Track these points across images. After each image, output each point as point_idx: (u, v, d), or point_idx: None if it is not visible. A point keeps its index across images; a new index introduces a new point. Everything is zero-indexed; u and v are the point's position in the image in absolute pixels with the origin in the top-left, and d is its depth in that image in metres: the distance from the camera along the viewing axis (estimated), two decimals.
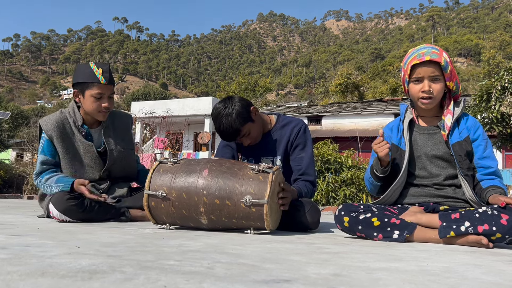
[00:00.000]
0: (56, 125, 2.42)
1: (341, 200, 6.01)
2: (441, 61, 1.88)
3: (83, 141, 2.47)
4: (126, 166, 2.63)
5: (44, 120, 2.45)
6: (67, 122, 2.47)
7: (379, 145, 1.92)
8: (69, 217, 2.22)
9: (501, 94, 7.18)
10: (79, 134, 2.47)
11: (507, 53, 63.44)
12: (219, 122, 2.12)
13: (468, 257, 1.34)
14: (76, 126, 2.47)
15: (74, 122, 2.48)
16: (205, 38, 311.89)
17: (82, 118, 2.50)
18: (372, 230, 1.79)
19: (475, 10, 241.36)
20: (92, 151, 2.48)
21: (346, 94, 31.68)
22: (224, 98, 2.21)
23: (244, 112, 2.14)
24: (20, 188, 10.79)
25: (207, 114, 17.37)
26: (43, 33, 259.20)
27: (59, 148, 2.42)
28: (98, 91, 2.38)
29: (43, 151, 2.44)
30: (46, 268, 0.88)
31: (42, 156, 2.44)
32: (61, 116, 2.47)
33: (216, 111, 2.14)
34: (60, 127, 2.42)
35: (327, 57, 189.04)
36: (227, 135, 2.15)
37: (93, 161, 2.48)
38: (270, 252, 1.28)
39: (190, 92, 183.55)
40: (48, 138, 2.41)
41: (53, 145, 2.43)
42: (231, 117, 2.10)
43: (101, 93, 2.39)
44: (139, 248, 1.28)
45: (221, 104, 2.15)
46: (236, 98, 2.18)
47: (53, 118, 2.44)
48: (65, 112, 2.50)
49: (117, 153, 2.56)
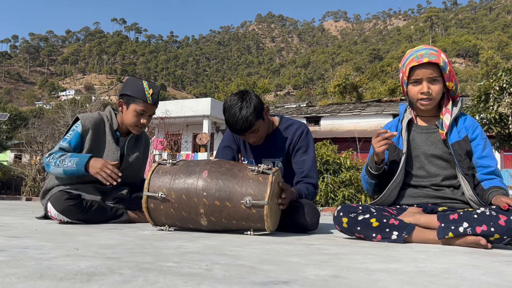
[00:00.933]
0: (94, 121, 2.53)
1: (340, 201, 6.01)
2: (440, 62, 1.88)
3: (112, 144, 2.57)
4: (135, 174, 2.72)
5: (85, 116, 2.55)
6: (103, 124, 2.58)
7: (377, 140, 1.92)
8: (67, 217, 2.21)
9: (499, 95, 7.20)
10: (111, 136, 2.57)
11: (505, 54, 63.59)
12: (234, 113, 2.09)
13: (466, 258, 1.34)
14: (111, 129, 2.59)
15: (110, 125, 2.59)
16: (203, 39, 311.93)
17: (117, 124, 2.61)
18: (370, 231, 1.79)
19: (473, 11, 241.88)
20: (116, 155, 2.56)
21: (344, 95, 31.72)
22: (240, 91, 2.19)
23: (260, 109, 2.14)
24: (18, 189, 10.78)
25: (206, 115, 17.37)
26: (41, 34, 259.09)
27: (89, 141, 2.48)
28: (142, 109, 2.50)
29: (69, 141, 2.47)
30: (44, 271, 0.87)
31: (64, 144, 2.46)
32: (99, 117, 2.58)
33: (232, 102, 2.12)
34: (97, 125, 2.54)
35: (326, 58, 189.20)
36: (239, 128, 2.11)
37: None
38: (269, 254, 1.28)
39: (189, 93, 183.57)
40: (83, 130, 2.48)
41: (82, 140, 2.49)
42: (247, 110, 2.08)
43: (144, 111, 2.51)
44: (137, 249, 1.27)
45: (237, 96, 2.13)
46: (252, 93, 2.18)
47: (93, 117, 2.56)
48: (103, 114, 2.62)
49: (132, 160, 2.66)
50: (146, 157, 2.86)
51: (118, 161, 2.54)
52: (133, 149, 2.69)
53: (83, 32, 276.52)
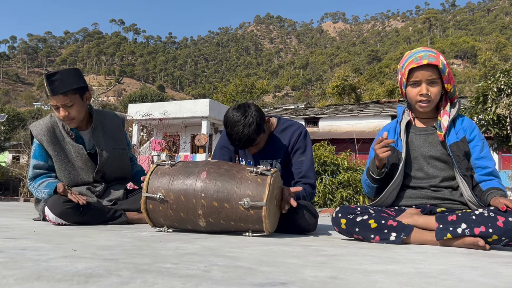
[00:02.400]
0: (46, 129, 2.41)
1: (338, 202, 6.01)
2: (439, 64, 1.89)
3: (73, 144, 2.46)
4: (119, 166, 2.61)
5: (34, 125, 2.44)
6: (57, 126, 2.47)
7: (379, 146, 1.92)
8: (65, 221, 2.21)
9: (497, 96, 7.21)
10: (69, 137, 2.47)
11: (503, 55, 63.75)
12: (237, 131, 2.05)
13: (464, 259, 1.35)
14: (66, 130, 2.47)
15: (63, 125, 2.47)
16: (202, 40, 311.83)
17: None
18: (369, 232, 1.79)
19: (471, 12, 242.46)
20: (82, 153, 2.47)
21: (343, 96, 31.75)
22: (239, 105, 2.14)
23: (262, 124, 2.12)
24: (16, 190, 10.75)
25: (204, 116, 17.35)
26: (39, 35, 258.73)
27: (51, 152, 2.42)
28: (51, 103, 2.36)
29: (35, 156, 2.43)
30: (42, 272, 0.87)
31: (34, 161, 2.43)
32: (51, 120, 2.46)
33: (235, 119, 2.07)
34: (50, 132, 2.42)
35: (324, 59, 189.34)
36: (241, 144, 2.10)
37: (84, 163, 2.47)
38: (267, 255, 1.28)
39: (187, 94, 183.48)
40: (40, 141, 2.40)
41: (45, 149, 2.42)
42: (251, 128, 2.05)
43: (53, 104, 2.36)
44: (135, 251, 1.27)
45: (240, 113, 2.08)
46: (253, 107, 2.13)
47: (43, 123, 2.44)
48: (55, 116, 2.49)
49: (108, 154, 2.54)
50: (122, 140, 2.66)
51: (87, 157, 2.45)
52: (103, 141, 2.54)
53: (82, 33, 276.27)
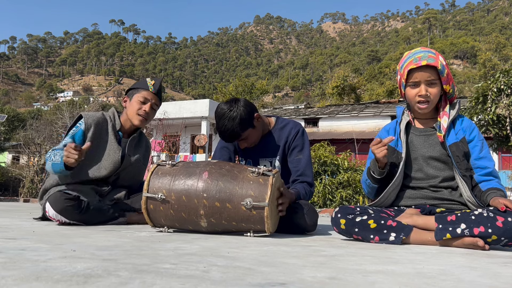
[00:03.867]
0: (97, 120, 2.57)
1: (337, 202, 6.01)
2: (438, 65, 1.89)
3: (113, 143, 2.58)
4: (134, 176, 2.72)
5: (88, 114, 2.59)
6: (106, 123, 2.61)
7: (376, 147, 1.92)
8: (65, 218, 2.21)
9: (497, 96, 7.21)
10: (113, 136, 2.59)
11: (503, 55, 63.78)
12: (222, 124, 2.14)
13: (464, 259, 1.35)
14: (114, 129, 2.61)
15: (113, 125, 2.62)
16: (202, 40, 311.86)
17: (120, 124, 2.64)
18: (368, 233, 1.79)
19: (470, 12, 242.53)
20: (118, 153, 2.57)
21: (342, 96, 31.73)
22: (230, 99, 2.22)
23: (247, 118, 2.16)
24: (16, 191, 10.75)
25: (204, 116, 17.36)
26: (39, 35, 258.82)
27: (90, 139, 2.49)
28: (144, 96, 2.60)
29: (72, 136, 2.48)
30: (41, 273, 0.87)
31: (68, 139, 2.47)
32: (103, 116, 2.62)
33: (221, 112, 2.16)
34: (100, 123, 2.57)
35: (324, 59, 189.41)
36: (226, 137, 2.19)
37: (112, 163, 2.54)
38: (266, 255, 1.28)
39: (187, 95, 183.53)
40: (85, 127, 2.50)
41: (84, 137, 2.50)
42: (234, 121, 2.12)
43: (146, 98, 2.60)
44: (135, 251, 1.27)
45: (227, 106, 2.17)
46: (242, 102, 2.20)
47: (96, 115, 2.60)
48: (106, 115, 2.65)
49: (133, 161, 2.67)
50: (147, 161, 2.86)
51: (118, 159, 2.55)
52: (134, 151, 2.71)
53: (81, 33, 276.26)
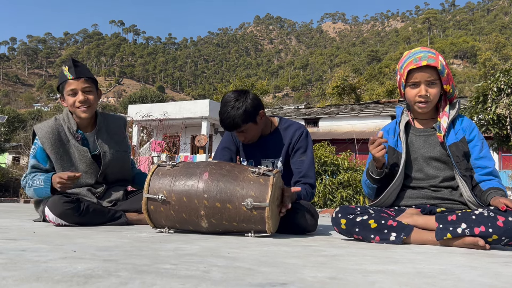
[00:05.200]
0: (51, 132, 2.41)
1: (338, 202, 6.01)
2: (438, 65, 1.89)
3: (77, 147, 2.46)
4: (121, 168, 2.63)
5: (39, 127, 2.43)
6: (62, 129, 2.46)
7: (374, 146, 1.92)
8: (65, 221, 2.21)
9: (497, 96, 7.21)
10: (74, 140, 2.46)
11: (503, 55, 63.77)
12: (225, 111, 2.15)
13: (464, 259, 1.35)
14: (71, 132, 2.47)
15: (69, 128, 2.47)
16: (202, 41, 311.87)
17: (76, 123, 2.49)
18: (369, 232, 1.79)
19: (470, 12, 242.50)
20: (87, 156, 2.46)
21: (343, 96, 31.72)
22: (240, 90, 2.23)
23: (252, 112, 2.16)
24: (16, 192, 10.75)
25: (204, 116, 17.36)
26: (39, 36, 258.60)
27: (53, 155, 2.40)
28: (69, 88, 2.39)
29: (35, 157, 2.42)
30: (41, 273, 0.87)
31: (34, 161, 2.43)
32: (56, 123, 2.46)
33: (228, 99, 2.17)
34: (55, 134, 2.41)
35: (324, 59, 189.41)
36: (226, 125, 2.18)
37: (88, 166, 2.46)
38: (267, 255, 1.28)
39: (187, 95, 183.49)
40: (41, 142, 2.40)
41: (46, 152, 2.41)
42: (238, 111, 2.12)
43: (72, 88, 2.39)
44: (135, 252, 1.27)
45: (234, 95, 2.17)
46: (251, 94, 2.20)
47: (48, 125, 2.43)
48: (60, 118, 2.50)
49: (111, 156, 2.54)
50: (125, 144, 2.68)
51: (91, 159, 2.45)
52: (107, 143, 2.55)
53: (81, 34, 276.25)
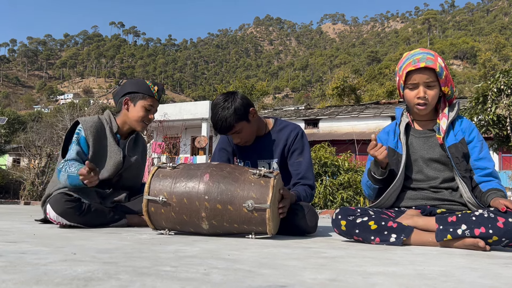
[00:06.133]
0: (95, 126, 2.56)
1: (338, 204, 6.01)
2: (436, 67, 1.89)
3: (114, 146, 2.59)
4: (135, 176, 2.74)
5: (84, 120, 2.57)
6: (104, 127, 2.61)
7: (375, 149, 1.92)
8: (66, 220, 2.22)
9: (497, 96, 7.21)
10: (112, 139, 2.60)
11: (503, 55, 63.79)
12: (215, 113, 2.16)
13: (464, 260, 1.34)
14: (111, 132, 2.61)
15: (111, 128, 2.62)
16: (201, 42, 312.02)
17: (117, 126, 2.63)
18: (369, 234, 1.79)
19: (470, 13, 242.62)
20: (119, 155, 2.58)
21: (343, 97, 31.72)
22: (227, 91, 2.24)
23: (242, 110, 2.16)
24: (17, 193, 10.74)
25: (204, 118, 17.36)
26: (39, 38, 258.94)
27: (92, 146, 2.50)
28: (150, 103, 2.60)
29: (79, 144, 2.48)
30: (41, 276, 0.87)
31: (77, 147, 2.48)
32: (99, 121, 2.62)
33: (216, 101, 2.18)
34: (98, 129, 2.56)
35: (324, 60, 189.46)
36: (219, 127, 2.18)
37: (115, 165, 2.55)
38: (267, 257, 1.28)
39: (187, 96, 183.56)
40: (85, 133, 2.51)
41: (87, 143, 2.51)
42: (228, 111, 2.12)
43: (152, 106, 2.61)
44: (135, 254, 1.27)
45: (223, 97, 2.19)
46: (239, 94, 2.21)
47: (93, 120, 2.59)
48: (102, 118, 2.65)
49: (132, 162, 2.67)
50: (145, 160, 2.88)
51: (120, 160, 2.57)
52: (133, 151, 2.72)
53: (81, 35, 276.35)
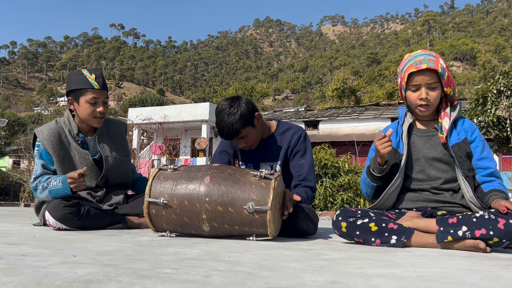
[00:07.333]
0: (52, 135, 2.41)
1: (338, 205, 6.01)
2: (438, 68, 1.89)
3: (78, 150, 2.46)
4: (122, 173, 2.63)
5: (40, 130, 2.44)
6: (63, 132, 2.46)
7: (381, 142, 1.91)
8: (65, 225, 2.21)
9: (497, 98, 7.21)
10: (75, 143, 2.47)
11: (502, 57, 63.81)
12: (221, 119, 2.14)
13: (465, 262, 1.34)
14: (72, 135, 2.47)
15: (70, 131, 2.48)
16: (201, 44, 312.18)
17: (77, 126, 2.49)
18: (369, 236, 1.79)
19: (470, 14, 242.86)
20: (88, 159, 2.47)
21: (342, 98, 31.71)
22: (231, 96, 2.23)
23: (248, 115, 2.15)
24: (17, 195, 10.74)
25: (204, 119, 17.36)
26: (39, 40, 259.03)
27: (54, 157, 2.40)
28: (92, 96, 2.39)
29: (42, 157, 2.41)
30: (41, 279, 0.87)
31: (41, 161, 2.42)
32: (57, 126, 2.46)
33: (221, 107, 2.16)
34: (56, 137, 2.42)
35: (324, 62, 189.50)
36: (225, 133, 2.17)
37: (89, 169, 2.45)
38: (267, 259, 1.28)
39: (187, 98, 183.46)
40: (44, 144, 2.39)
41: (48, 154, 2.41)
42: (234, 117, 2.11)
43: (95, 97, 2.40)
44: (136, 256, 1.27)
45: (228, 102, 2.17)
46: (243, 99, 2.20)
47: (48, 128, 2.44)
48: (60, 121, 2.50)
49: (113, 160, 2.55)
50: (126, 148, 2.70)
51: (92, 162, 2.46)
52: (108, 147, 2.56)
53: (81, 37, 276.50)
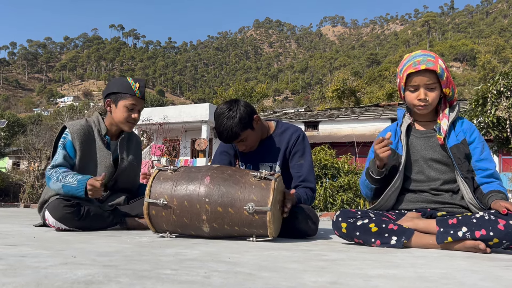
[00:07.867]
0: (82, 130, 2.52)
1: (338, 206, 6.01)
2: (437, 69, 1.89)
3: (102, 149, 2.56)
4: (131, 177, 2.71)
5: (71, 124, 2.54)
6: (92, 130, 2.57)
7: (379, 146, 1.91)
8: (65, 225, 2.21)
9: (497, 99, 7.21)
10: (101, 142, 2.56)
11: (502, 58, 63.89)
12: (220, 123, 2.14)
13: (465, 262, 1.34)
14: (100, 135, 2.58)
15: (99, 131, 2.58)
16: (201, 44, 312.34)
17: (106, 128, 2.59)
18: (369, 236, 1.79)
19: (469, 15, 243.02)
20: (108, 159, 2.56)
21: (342, 99, 31.72)
22: (230, 100, 2.23)
23: (247, 118, 2.15)
24: (16, 196, 10.74)
25: (204, 120, 17.37)
26: (39, 41, 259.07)
27: (78, 151, 2.47)
28: (132, 102, 2.51)
29: (65, 148, 2.46)
30: (41, 280, 0.87)
31: (63, 151, 2.45)
32: (87, 124, 2.58)
33: (220, 111, 2.16)
34: (86, 133, 2.52)
35: (323, 63, 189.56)
36: (225, 137, 2.17)
37: (106, 169, 2.54)
38: (267, 260, 1.28)
39: (187, 99, 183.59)
40: (72, 137, 2.47)
41: (74, 147, 2.48)
42: (233, 121, 2.11)
43: (134, 104, 2.53)
44: (135, 257, 1.27)
45: (226, 106, 2.17)
46: (242, 102, 2.20)
47: (79, 124, 2.54)
48: (90, 121, 2.61)
49: (126, 164, 2.65)
50: (140, 159, 2.84)
51: (111, 163, 2.55)
52: (126, 152, 2.68)
53: (81, 38, 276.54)
